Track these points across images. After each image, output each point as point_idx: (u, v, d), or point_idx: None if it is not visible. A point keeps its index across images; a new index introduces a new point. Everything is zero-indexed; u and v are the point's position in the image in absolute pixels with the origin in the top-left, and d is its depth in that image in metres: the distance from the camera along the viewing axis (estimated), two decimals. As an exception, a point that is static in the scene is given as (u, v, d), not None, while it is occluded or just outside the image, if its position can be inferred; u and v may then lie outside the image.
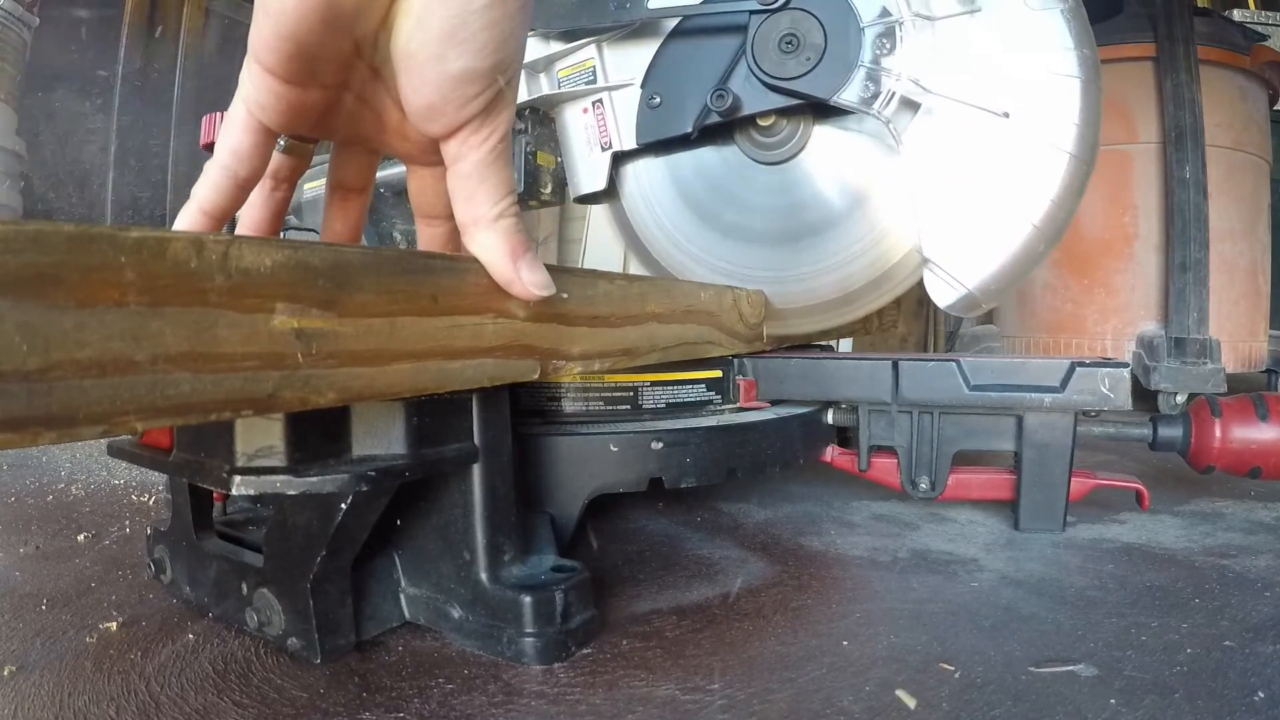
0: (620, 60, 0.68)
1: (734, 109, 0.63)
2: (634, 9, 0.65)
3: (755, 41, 0.62)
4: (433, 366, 0.30)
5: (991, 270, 0.57)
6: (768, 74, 0.61)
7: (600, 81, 0.68)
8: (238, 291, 0.22)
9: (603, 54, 0.68)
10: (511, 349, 0.34)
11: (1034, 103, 0.55)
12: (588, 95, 0.69)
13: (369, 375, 0.27)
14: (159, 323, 0.20)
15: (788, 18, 0.61)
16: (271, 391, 0.23)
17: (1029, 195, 0.55)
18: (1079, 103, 0.54)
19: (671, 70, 0.66)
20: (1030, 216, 0.55)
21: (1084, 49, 0.54)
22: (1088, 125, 0.54)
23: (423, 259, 0.30)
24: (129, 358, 0.19)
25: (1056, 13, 0.54)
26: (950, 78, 0.57)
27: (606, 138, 0.69)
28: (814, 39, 0.60)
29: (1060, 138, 0.54)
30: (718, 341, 0.55)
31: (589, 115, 0.70)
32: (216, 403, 0.22)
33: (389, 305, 0.27)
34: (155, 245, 0.20)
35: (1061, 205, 0.55)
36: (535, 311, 0.35)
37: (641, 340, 0.45)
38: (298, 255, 0.24)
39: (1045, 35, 0.55)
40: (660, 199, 0.71)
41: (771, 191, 0.67)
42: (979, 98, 0.56)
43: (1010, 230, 0.56)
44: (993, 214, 0.56)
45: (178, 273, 0.21)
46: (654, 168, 0.71)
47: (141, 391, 0.20)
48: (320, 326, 0.25)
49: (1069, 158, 0.54)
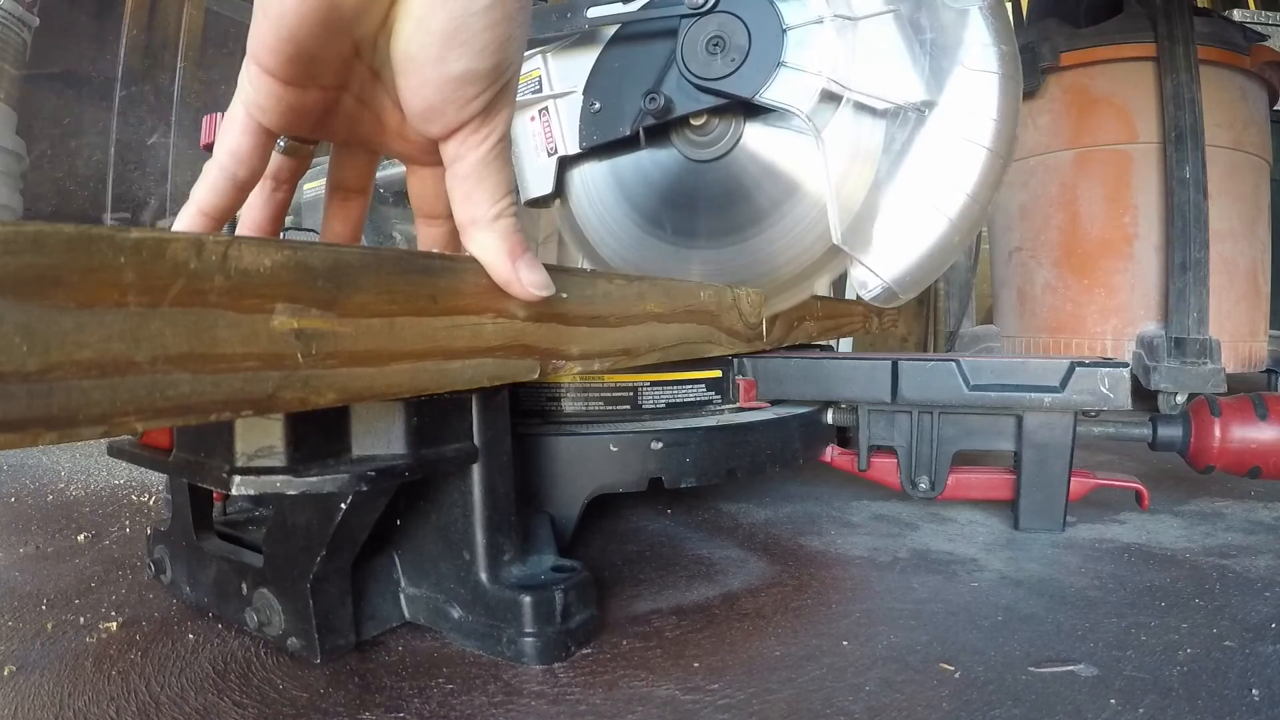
0: (564, 69, 0.71)
1: (667, 110, 0.65)
2: (575, 19, 0.67)
3: (685, 44, 0.63)
4: (432, 366, 0.30)
5: (908, 264, 0.58)
6: (696, 75, 0.63)
7: (546, 90, 0.71)
8: (237, 292, 0.22)
9: (548, 64, 0.71)
10: (511, 349, 0.34)
11: (953, 98, 0.56)
12: (535, 104, 0.72)
13: (369, 375, 0.27)
14: (159, 323, 0.20)
15: (715, 21, 0.63)
16: (271, 392, 0.23)
17: (945, 190, 0.56)
18: (997, 98, 0.55)
19: (610, 76, 0.68)
20: (946, 211, 0.56)
21: (1003, 45, 0.56)
22: (1005, 121, 0.56)
23: (422, 259, 0.30)
24: (129, 358, 0.19)
25: (975, 10, 0.56)
26: (869, 75, 0.58)
27: (552, 143, 0.72)
28: (739, 40, 0.62)
29: (977, 133, 0.55)
30: (717, 341, 0.55)
31: (535, 123, 0.72)
32: (216, 403, 0.22)
33: (388, 305, 0.27)
34: (155, 246, 0.20)
35: (977, 199, 0.56)
36: (535, 311, 0.35)
37: (641, 340, 0.45)
38: (297, 256, 0.24)
39: (965, 32, 0.56)
40: (605, 200, 0.74)
41: (708, 187, 0.70)
42: (897, 94, 0.57)
43: (926, 224, 0.57)
44: (910, 209, 0.57)
45: (177, 273, 0.21)
46: (598, 171, 0.74)
47: (141, 392, 0.20)
48: (320, 327, 0.25)
49: (986, 152, 0.55)
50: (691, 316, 0.51)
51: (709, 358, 0.57)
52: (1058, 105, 1.35)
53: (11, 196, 1.59)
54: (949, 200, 0.56)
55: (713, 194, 0.69)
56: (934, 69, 0.56)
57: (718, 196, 0.69)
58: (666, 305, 0.47)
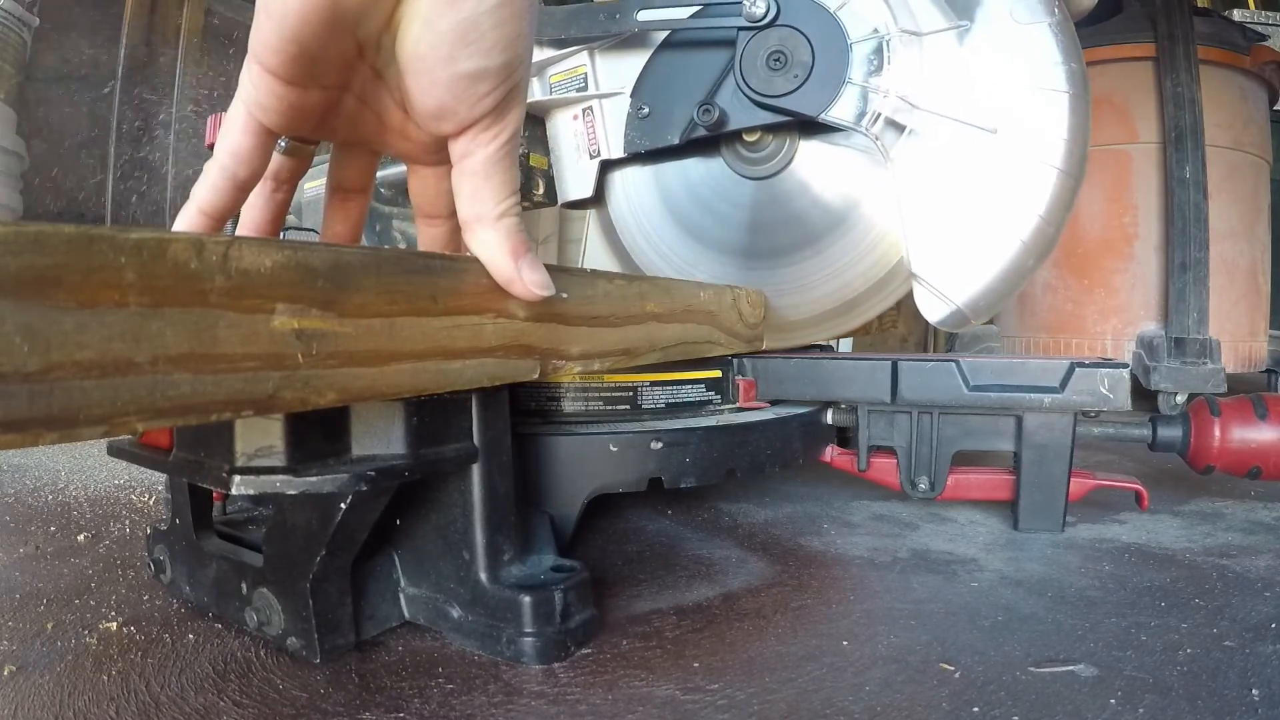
0: (611, 69, 0.68)
1: (720, 123, 0.63)
2: (624, 20, 0.65)
3: (744, 58, 0.61)
4: (433, 366, 0.30)
5: (980, 287, 0.56)
6: (755, 91, 0.61)
7: (591, 89, 0.69)
8: (238, 292, 0.22)
9: (594, 62, 0.68)
10: (511, 349, 0.34)
11: (1022, 118, 0.54)
12: (579, 102, 0.69)
13: (369, 375, 0.27)
14: (159, 323, 0.20)
15: (776, 34, 0.61)
16: (272, 392, 0.23)
17: (1017, 211, 0.55)
18: (1068, 118, 0.54)
19: (660, 81, 0.66)
20: (1019, 233, 0.55)
21: (1072, 63, 0.54)
22: (1076, 140, 0.54)
23: (422, 259, 0.30)
24: (129, 359, 0.19)
25: (1045, 26, 0.54)
26: (938, 93, 0.56)
27: (595, 145, 0.70)
28: (802, 56, 0.60)
29: (1049, 153, 0.54)
30: (717, 341, 0.55)
31: (579, 122, 0.70)
32: (217, 403, 0.22)
33: (389, 305, 0.27)
34: (155, 246, 0.20)
35: (1050, 221, 0.55)
36: (535, 311, 0.35)
37: (641, 340, 0.45)
38: (298, 256, 0.24)
39: (1033, 50, 0.54)
40: (646, 209, 0.72)
41: (757, 206, 0.67)
42: (967, 113, 0.56)
43: (999, 247, 0.55)
44: (981, 230, 0.56)
45: (178, 273, 0.21)
46: (641, 177, 0.71)
47: (142, 392, 0.20)
48: (320, 327, 0.25)
49: (1057, 173, 0.54)
50: (691, 316, 0.51)
51: (709, 358, 0.57)
52: (1058, 105, 1.35)
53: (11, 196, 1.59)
54: (1022, 222, 0.54)
55: (763, 213, 0.67)
56: (1003, 87, 0.55)
57: (769, 216, 0.67)
58: (666, 305, 0.47)
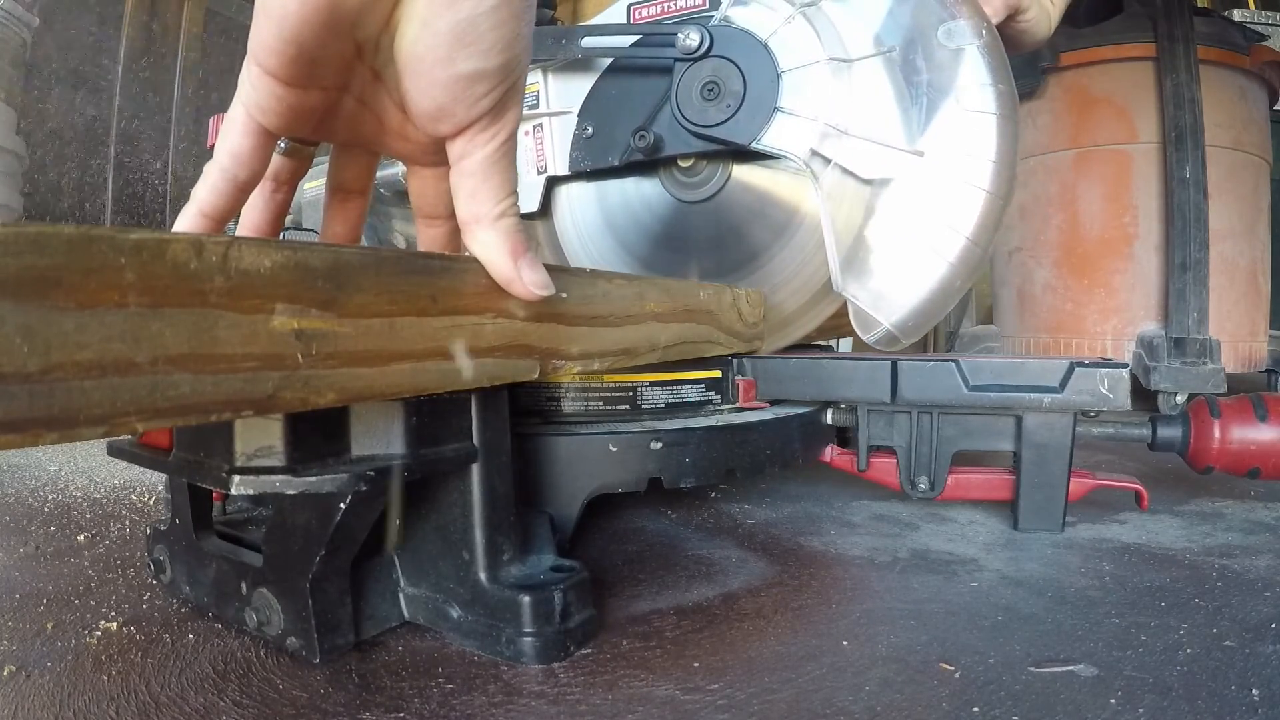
0: (561, 89, 0.70)
1: (656, 149, 0.65)
2: (569, 46, 0.67)
3: (680, 88, 0.63)
4: (433, 366, 0.30)
5: (908, 309, 0.57)
6: (690, 120, 0.63)
7: (542, 107, 0.71)
8: (237, 293, 0.22)
9: (547, 81, 0.71)
10: (511, 349, 0.34)
11: (950, 141, 0.55)
12: (530, 119, 0.71)
13: (369, 376, 0.27)
14: (159, 324, 0.20)
15: (710, 65, 0.62)
16: (272, 392, 0.23)
17: (945, 234, 0.55)
18: (995, 140, 0.54)
19: (604, 105, 0.68)
20: (946, 255, 0.55)
21: (1000, 85, 0.55)
22: (1004, 162, 0.54)
23: (421, 259, 0.30)
24: (129, 359, 0.19)
25: (973, 49, 0.54)
26: (866, 118, 0.57)
27: (543, 161, 0.72)
28: (734, 86, 0.61)
29: (976, 176, 0.54)
30: (717, 341, 0.55)
31: (529, 138, 0.72)
32: (217, 403, 0.22)
33: (388, 305, 0.27)
34: (155, 247, 0.20)
35: (977, 242, 0.55)
36: (534, 311, 0.35)
37: (641, 340, 0.45)
38: (297, 256, 0.24)
39: (961, 72, 0.55)
40: (588, 225, 0.73)
41: (693, 228, 0.69)
42: (894, 137, 0.56)
43: (926, 269, 0.56)
44: (908, 253, 0.56)
45: (178, 274, 0.21)
46: (585, 194, 0.73)
47: (142, 393, 0.20)
48: (320, 327, 0.25)
49: (985, 195, 0.54)
50: (691, 316, 0.51)
51: (708, 358, 0.57)
52: (1058, 105, 1.35)
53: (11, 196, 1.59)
54: (948, 244, 0.55)
55: (704, 235, 0.69)
56: (930, 110, 0.55)
57: (709, 237, 0.68)
58: (666, 305, 0.47)
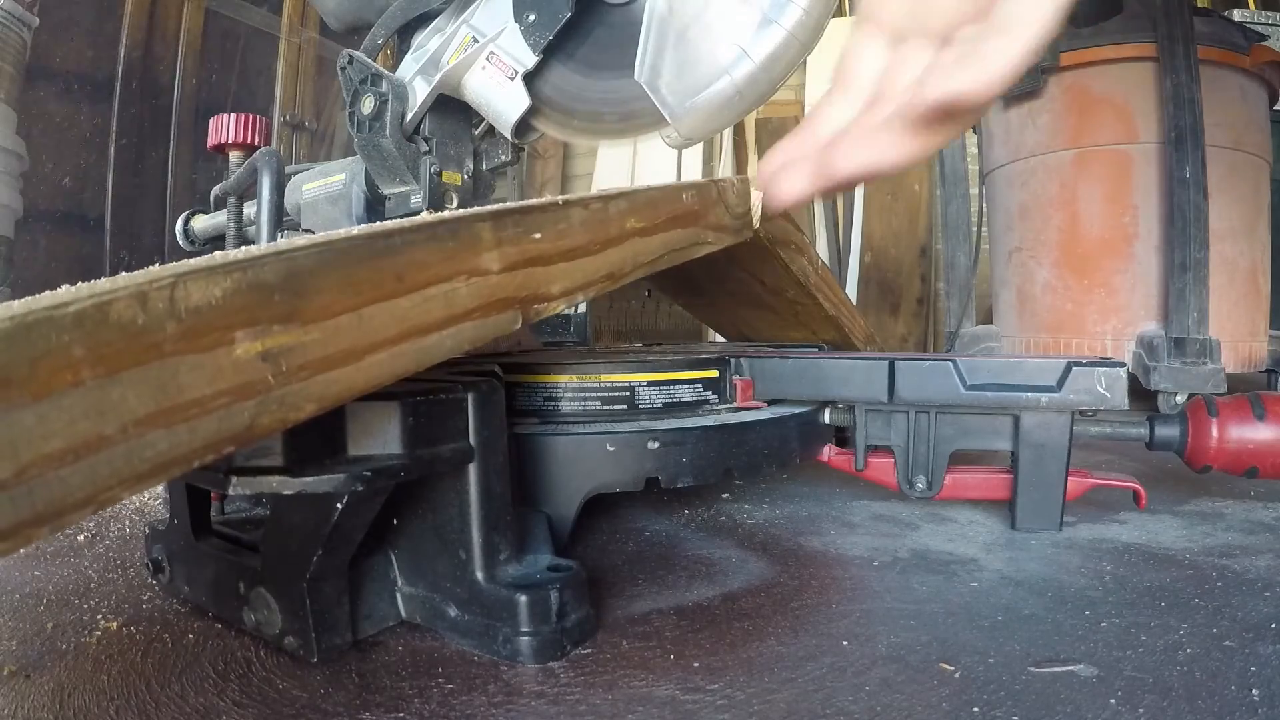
0: (487, 17, 0.78)
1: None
2: None
3: None
4: (409, 348, 0.29)
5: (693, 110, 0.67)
6: None
7: (483, 41, 0.78)
8: (193, 333, 0.21)
9: (474, 24, 0.78)
10: (488, 306, 0.32)
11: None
12: (479, 56, 0.78)
13: (346, 376, 0.26)
14: (119, 390, 0.19)
15: None
16: (249, 422, 0.22)
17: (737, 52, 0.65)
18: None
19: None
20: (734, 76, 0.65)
21: None
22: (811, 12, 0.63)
23: (381, 239, 0.28)
24: (98, 434, 0.19)
25: None
26: None
27: (512, 70, 0.78)
28: None
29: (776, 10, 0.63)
30: (704, 240, 0.51)
31: (488, 70, 0.79)
32: (196, 450, 0.21)
33: (353, 298, 0.26)
34: (96, 313, 0.19)
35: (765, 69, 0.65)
36: (509, 261, 0.33)
37: (625, 260, 0.42)
38: (249, 276, 0.23)
39: None
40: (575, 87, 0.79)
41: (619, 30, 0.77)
42: None
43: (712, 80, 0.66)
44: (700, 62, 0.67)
45: (126, 334, 0.19)
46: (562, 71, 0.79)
47: (119, 463, 0.19)
48: (285, 342, 0.24)
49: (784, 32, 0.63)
50: (676, 223, 0.48)
51: (707, 359, 0.57)
52: (1058, 105, 1.35)
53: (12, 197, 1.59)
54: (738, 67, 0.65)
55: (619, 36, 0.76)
56: None
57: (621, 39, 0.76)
58: (648, 218, 0.45)
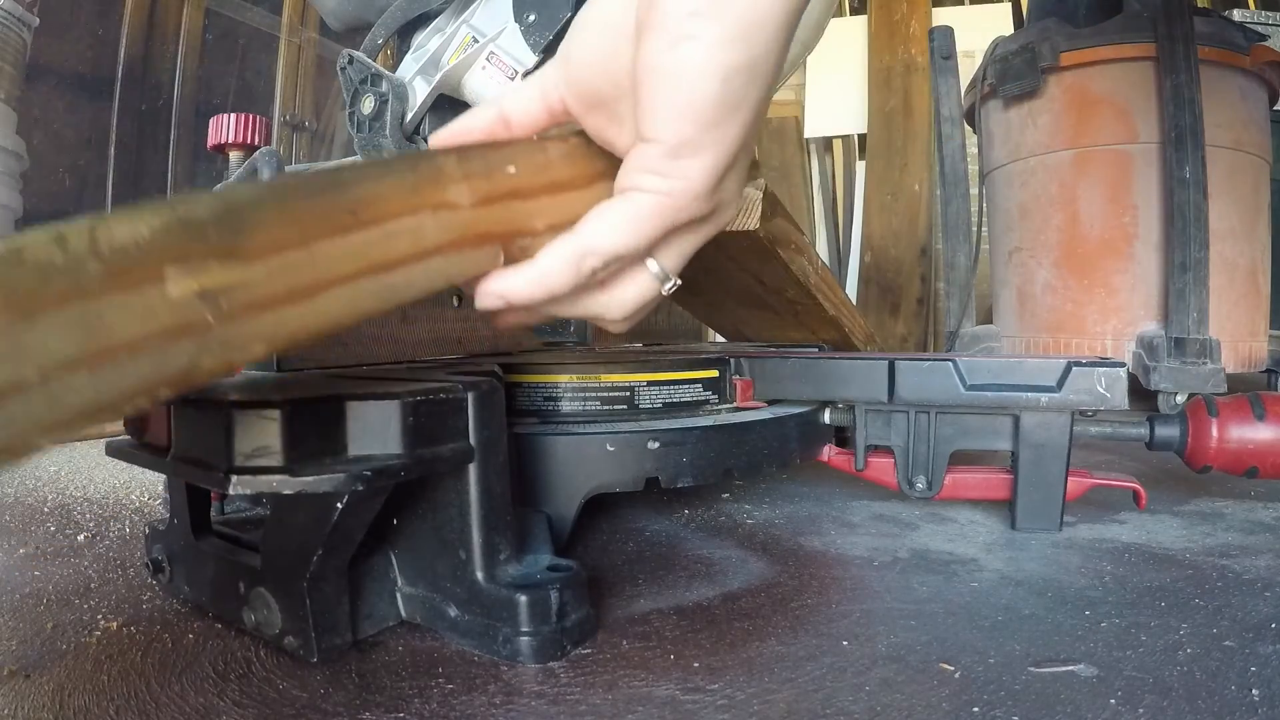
0: (487, 17, 0.78)
1: None
2: None
3: None
4: (371, 284, 0.27)
5: None
6: None
7: (483, 41, 0.78)
8: (118, 272, 0.20)
9: (474, 24, 0.78)
10: (463, 241, 0.31)
11: None
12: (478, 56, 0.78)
13: (298, 314, 0.25)
14: (37, 333, 0.19)
15: None
16: (189, 364, 0.22)
17: None
18: None
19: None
20: None
21: None
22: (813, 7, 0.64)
23: (330, 175, 0.27)
24: (15, 379, 0.18)
25: None
26: None
27: (512, 70, 0.78)
28: None
29: None
30: None
31: (489, 68, 0.79)
32: (126, 394, 0.20)
33: (301, 234, 0.25)
34: (8, 255, 0.18)
35: None
36: (483, 194, 0.31)
37: None
38: (178, 212, 0.22)
39: None
40: None
41: None
42: None
43: None
44: None
45: (43, 275, 0.19)
46: None
47: (40, 409, 0.18)
48: (225, 280, 0.22)
49: None
50: None
51: (707, 359, 0.57)
52: (1057, 105, 1.35)
53: (11, 196, 1.59)
54: None
55: None
56: None
57: None
58: None
